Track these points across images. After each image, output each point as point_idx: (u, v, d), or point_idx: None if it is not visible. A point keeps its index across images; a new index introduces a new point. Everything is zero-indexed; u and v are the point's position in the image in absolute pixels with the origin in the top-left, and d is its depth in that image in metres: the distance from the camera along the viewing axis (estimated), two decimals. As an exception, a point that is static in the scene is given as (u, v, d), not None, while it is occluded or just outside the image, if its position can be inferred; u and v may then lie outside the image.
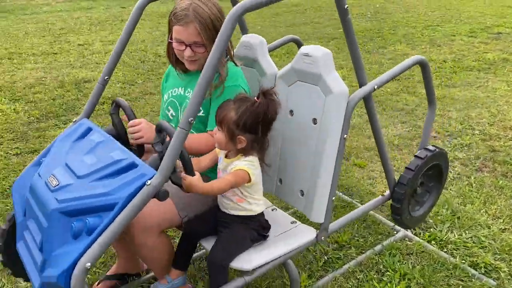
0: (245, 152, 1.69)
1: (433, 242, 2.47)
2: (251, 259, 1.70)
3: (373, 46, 7.29)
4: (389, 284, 2.14)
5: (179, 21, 1.78)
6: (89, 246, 1.35)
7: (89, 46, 7.27)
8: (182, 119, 1.39)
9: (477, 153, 3.48)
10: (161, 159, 1.42)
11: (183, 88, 1.93)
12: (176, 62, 1.93)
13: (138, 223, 1.71)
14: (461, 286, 2.16)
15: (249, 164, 1.66)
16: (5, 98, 4.81)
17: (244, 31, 2.39)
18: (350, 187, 3.04)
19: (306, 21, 9.78)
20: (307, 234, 1.86)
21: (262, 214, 1.80)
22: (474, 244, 2.45)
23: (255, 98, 1.67)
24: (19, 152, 3.60)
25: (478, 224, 2.62)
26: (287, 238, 1.85)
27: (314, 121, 1.82)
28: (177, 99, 1.93)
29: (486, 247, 2.43)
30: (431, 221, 2.64)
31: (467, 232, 2.56)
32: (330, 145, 1.77)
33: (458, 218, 2.68)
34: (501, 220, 2.67)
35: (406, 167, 2.14)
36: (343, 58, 6.52)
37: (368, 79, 1.93)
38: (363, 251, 2.41)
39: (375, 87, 1.87)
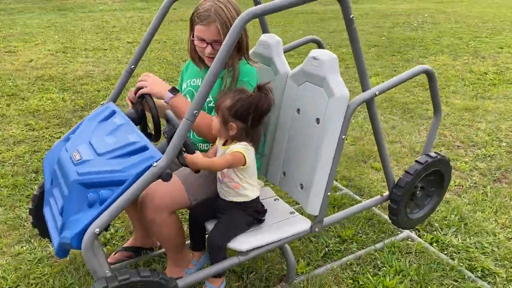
0: (238, 140, 1.85)
1: (434, 244, 2.53)
2: (246, 242, 1.87)
3: (413, 55, 7.25)
4: (382, 278, 2.24)
5: (202, 21, 1.96)
6: (99, 215, 1.56)
7: (137, 44, 7.69)
8: (188, 111, 1.58)
9: (499, 164, 3.46)
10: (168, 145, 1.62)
11: (200, 79, 2.13)
12: (196, 58, 2.12)
13: (151, 202, 1.92)
14: (454, 286, 2.22)
15: (244, 148, 1.82)
16: (55, 88, 5.24)
17: (265, 31, 2.54)
18: (362, 188, 3.13)
19: (350, 28, 9.81)
20: (302, 225, 2.00)
21: (257, 199, 1.95)
22: (476, 249, 2.49)
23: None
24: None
25: (485, 232, 2.65)
26: (283, 226, 1.99)
27: (317, 120, 1.94)
28: (195, 89, 2.13)
29: (488, 253, 2.47)
30: (436, 224, 2.70)
31: (471, 237, 2.60)
32: (328, 144, 1.89)
33: (466, 224, 2.71)
34: (510, 230, 2.68)
35: (405, 171, 2.23)
36: (380, 65, 6.56)
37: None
38: (364, 247, 2.51)
39: (376, 93, 1.98)
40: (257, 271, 2.30)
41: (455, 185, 3.18)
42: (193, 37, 2.03)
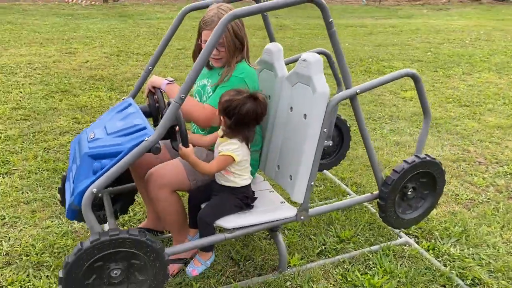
0: (229, 135, 2.06)
1: (431, 251, 2.59)
2: (232, 221, 2.07)
3: (457, 71, 7.14)
4: (370, 277, 2.34)
5: (207, 26, 2.21)
6: (97, 178, 1.82)
7: (185, 51, 8.13)
8: (176, 95, 1.81)
9: (518, 182, 3.43)
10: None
11: (206, 79, 2.36)
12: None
13: (155, 181, 2.17)
14: (441, 291, 2.28)
15: (232, 150, 2.03)
16: (104, 87, 5.70)
17: (271, 40, 2.73)
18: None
19: (397, 42, 9.76)
20: (288, 212, 2.18)
21: (246, 187, 2.15)
22: (472, 260, 2.52)
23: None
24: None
25: (486, 244, 2.67)
26: (270, 212, 2.17)
27: (305, 116, 2.12)
28: (202, 88, 2.37)
29: (484, 264, 2.50)
30: (437, 233, 2.75)
31: (470, 249, 2.63)
32: (311, 137, 2.06)
33: (468, 236, 2.74)
34: (512, 244, 2.68)
35: (393, 169, 2.34)
36: (419, 80, 6.52)
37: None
38: (361, 248, 2.62)
39: (357, 91, 2.12)
40: (254, 260, 2.48)
41: (466, 199, 3.19)
42: (200, 41, 2.27)
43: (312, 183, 2.11)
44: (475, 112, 5.09)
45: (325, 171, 3.47)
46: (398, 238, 2.71)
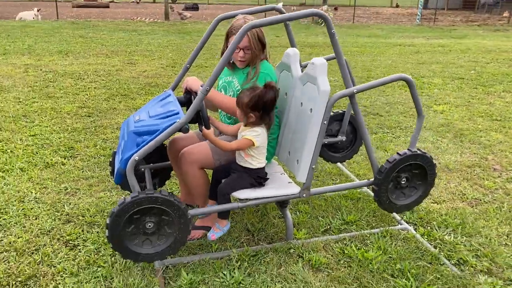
0: (254, 124, 2.51)
1: (425, 236, 2.89)
2: (245, 193, 2.51)
3: (497, 89, 7.23)
4: (364, 251, 2.68)
5: (236, 32, 2.70)
6: (139, 149, 2.33)
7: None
8: (202, 87, 2.29)
9: (528, 187, 3.61)
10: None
11: (231, 77, 2.85)
12: (228, 63, 2.86)
13: (186, 158, 2.67)
14: (426, 267, 2.58)
15: (254, 135, 2.47)
16: (158, 92, 6.38)
17: (292, 45, 3.17)
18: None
19: (442, 61, 9.87)
20: (293, 189, 2.59)
21: (261, 169, 2.58)
22: (463, 246, 2.79)
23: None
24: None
25: (480, 235, 2.93)
26: (277, 188, 2.60)
27: (310, 110, 2.54)
28: (227, 84, 2.86)
29: (472, 250, 2.76)
30: (435, 223, 3.04)
31: (464, 237, 2.90)
32: (313, 128, 2.47)
33: (464, 227, 3.01)
34: (505, 237, 2.92)
35: (387, 160, 2.68)
36: (455, 96, 6.70)
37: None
38: (362, 230, 2.96)
39: (354, 91, 2.51)
40: (266, 231, 2.90)
41: (472, 198, 3.44)
42: (227, 44, 2.77)
43: (314, 166, 2.52)
44: (504, 126, 5.23)
45: (343, 168, 3.83)
46: (398, 224, 3.03)
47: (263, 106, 2.45)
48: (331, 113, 3.54)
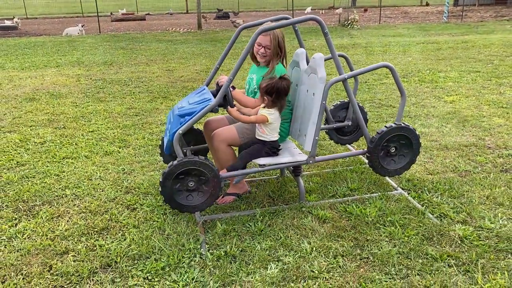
0: (269, 107, 3.21)
1: (416, 199, 3.50)
2: (263, 160, 3.22)
3: (510, 80, 7.60)
4: (362, 208, 3.32)
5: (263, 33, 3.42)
6: (182, 126, 3.09)
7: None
8: (227, 78, 3.02)
9: (516, 161, 4.13)
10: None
11: (254, 74, 3.57)
12: (254, 59, 3.58)
13: (217, 137, 3.40)
14: (412, 219, 3.19)
15: (268, 113, 3.18)
16: (194, 94, 7.19)
17: (300, 46, 3.86)
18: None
19: (462, 56, 10.25)
20: (301, 157, 3.28)
21: (274, 141, 3.28)
22: (447, 205, 3.39)
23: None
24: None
25: (463, 197, 3.51)
26: (289, 156, 3.29)
27: (313, 94, 3.22)
28: (251, 80, 3.58)
29: (454, 207, 3.35)
30: (426, 188, 3.64)
31: (449, 199, 3.48)
32: (315, 107, 3.16)
33: (451, 191, 3.59)
34: (485, 198, 3.48)
35: (376, 131, 3.32)
36: (468, 88, 7.16)
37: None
38: (363, 195, 3.60)
39: (346, 77, 3.18)
40: (284, 197, 3.59)
41: (463, 170, 4.00)
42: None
43: (317, 138, 3.20)
44: (508, 112, 5.70)
45: (351, 149, 4.47)
46: (394, 190, 3.65)
47: (276, 92, 3.16)
48: (338, 102, 4.21)
